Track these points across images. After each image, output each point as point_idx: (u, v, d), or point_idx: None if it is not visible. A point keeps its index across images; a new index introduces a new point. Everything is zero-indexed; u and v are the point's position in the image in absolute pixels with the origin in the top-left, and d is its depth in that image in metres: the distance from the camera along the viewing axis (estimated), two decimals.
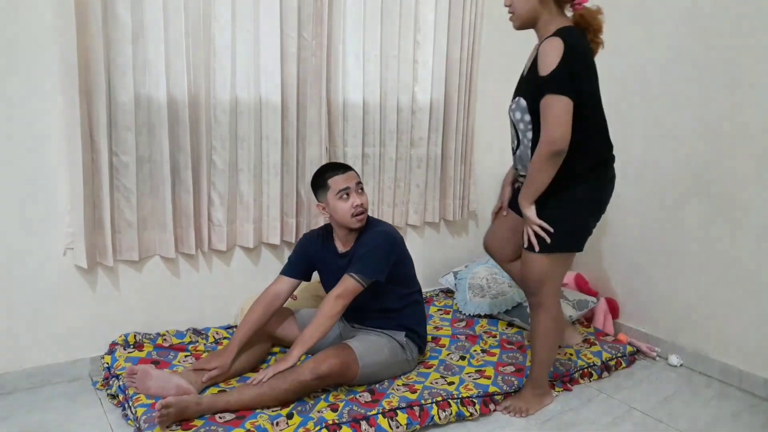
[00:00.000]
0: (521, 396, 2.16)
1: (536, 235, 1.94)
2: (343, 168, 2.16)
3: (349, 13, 2.60)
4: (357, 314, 2.26)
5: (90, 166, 2.13)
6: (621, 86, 2.78)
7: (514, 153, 2.08)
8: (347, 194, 2.10)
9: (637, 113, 2.72)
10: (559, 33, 1.82)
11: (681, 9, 2.53)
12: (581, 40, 1.85)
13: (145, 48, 2.17)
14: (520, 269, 2.09)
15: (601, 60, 2.87)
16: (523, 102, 1.93)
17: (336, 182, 2.11)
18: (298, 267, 2.24)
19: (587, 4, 1.91)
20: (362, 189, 2.16)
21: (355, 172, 2.18)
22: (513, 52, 3.19)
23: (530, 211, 1.92)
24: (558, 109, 1.80)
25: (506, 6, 1.95)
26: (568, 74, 1.80)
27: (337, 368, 1.97)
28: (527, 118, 1.93)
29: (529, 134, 1.95)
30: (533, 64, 1.89)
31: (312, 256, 2.25)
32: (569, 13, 1.93)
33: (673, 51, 2.57)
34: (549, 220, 1.92)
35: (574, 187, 1.93)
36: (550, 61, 1.79)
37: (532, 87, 1.87)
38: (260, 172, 2.52)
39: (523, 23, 1.93)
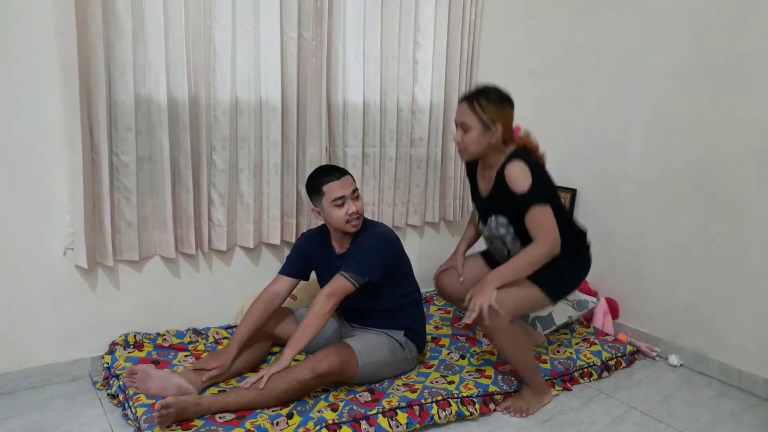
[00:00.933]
0: (521, 396, 2.16)
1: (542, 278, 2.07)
2: (338, 173, 2.13)
3: (349, 13, 2.60)
4: (356, 314, 2.27)
5: (90, 166, 2.13)
6: (621, 86, 2.78)
7: (503, 257, 2.26)
8: (342, 203, 2.09)
9: (637, 113, 2.72)
10: (516, 156, 2.08)
11: (681, 9, 2.53)
12: (532, 157, 2.12)
13: (145, 48, 2.17)
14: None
15: (601, 60, 2.89)
16: (502, 219, 2.16)
17: (331, 189, 2.09)
18: (296, 266, 2.24)
19: (520, 133, 2.19)
20: (357, 195, 2.14)
21: (350, 176, 2.15)
22: (513, 52, 3.22)
23: (492, 289, 2.01)
24: (547, 217, 2.05)
25: (456, 142, 2.15)
26: (541, 186, 2.06)
27: (336, 367, 1.97)
28: (512, 230, 2.16)
29: (518, 242, 2.16)
30: (498, 187, 2.11)
31: (310, 256, 2.25)
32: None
33: (673, 51, 2.57)
34: (555, 270, 2.08)
35: (561, 263, 2.11)
36: (523, 181, 2.03)
37: (509, 204, 2.09)
38: (260, 172, 2.52)
39: (471, 157, 2.17)
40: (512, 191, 2.04)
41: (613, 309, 2.84)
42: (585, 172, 2.98)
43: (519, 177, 2.03)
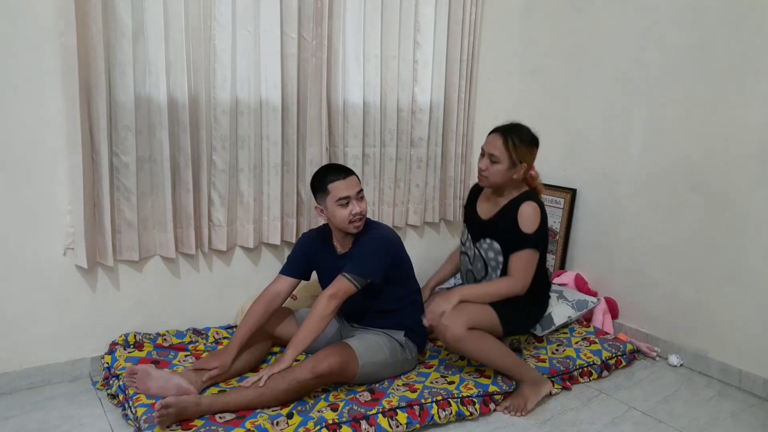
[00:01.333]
0: (518, 393, 2.17)
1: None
2: (344, 173, 2.13)
3: (349, 13, 2.60)
4: (356, 314, 2.27)
5: (90, 166, 2.14)
6: (621, 86, 2.78)
7: (476, 279, 2.38)
8: (347, 203, 2.09)
9: (637, 113, 2.72)
10: (532, 198, 2.24)
11: (682, 8, 2.53)
12: (542, 204, 2.27)
13: (145, 48, 2.17)
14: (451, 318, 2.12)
15: (601, 59, 2.89)
16: (497, 245, 2.27)
17: (337, 189, 2.09)
18: (297, 266, 2.24)
19: (533, 172, 2.34)
20: (362, 196, 2.15)
21: (356, 176, 2.16)
22: (513, 52, 3.22)
23: (456, 299, 2.12)
24: (532, 262, 2.22)
25: (481, 169, 2.25)
26: (542, 235, 2.24)
27: (336, 367, 1.97)
28: (500, 259, 2.27)
29: (498, 272, 2.29)
30: (505, 217, 2.24)
31: (311, 256, 2.25)
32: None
33: (673, 51, 2.57)
34: (508, 309, 2.22)
35: (532, 308, 2.37)
36: (532, 222, 2.19)
37: (507, 236, 2.22)
38: (260, 172, 2.52)
39: (490, 186, 2.29)
40: (519, 229, 2.19)
41: (613, 309, 2.84)
42: (585, 172, 2.98)
43: (532, 218, 2.19)
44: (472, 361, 2.31)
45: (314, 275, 2.32)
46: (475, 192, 2.47)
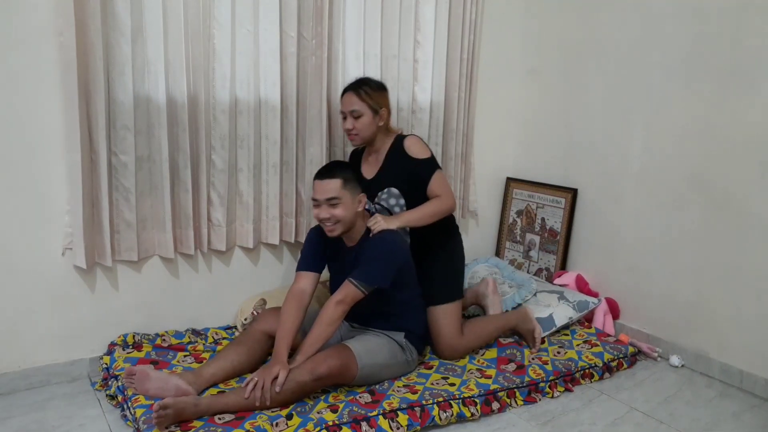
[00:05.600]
0: (522, 336, 2.55)
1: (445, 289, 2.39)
2: (326, 175, 2.09)
3: (349, 13, 2.59)
4: (357, 316, 2.25)
5: (89, 166, 2.13)
6: (621, 86, 2.77)
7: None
8: (317, 205, 2.09)
9: (637, 113, 2.72)
10: (405, 135, 2.39)
11: (682, 8, 2.52)
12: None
13: (144, 48, 2.16)
14: (436, 332, 2.37)
15: (601, 59, 2.88)
16: (395, 190, 2.36)
17: (313, 188, 2.11)
18: (313, 260, 2.22)
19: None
20: (335, 203, 2.05)
21: (337, 181, 2.06)
22: (513, 52, 3.21)
23: (392, 224, 2.21)
24: (446, 180, 2.40)
25: (348, 130, 2.34)
26: (435, 158, 2.41)
27: (336, 369, 1.96)
28: (402, 201, 2.36)
29: (405, 210, 2.36)
30: (392, 163, 2.36)
31: (323, 248, 2.23)
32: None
33: (673, 50, 2.56)
34: (447, 274, 2.43)
35: (453, 242, 2.50)
36: (422, 149, 2.36)
37: (403, 175, 2.34)
38: (260, 172, 2.51)
39: (363, 141, 2.38)
40: (413, 159, 2.31)
41: (614, 309, 2.83)
42: (585, 172, 2.98)
43: (419, 146, 2.35)
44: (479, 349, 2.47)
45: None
46: (356, 159, 2.52)
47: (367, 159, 2.45)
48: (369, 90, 2.31)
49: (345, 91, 2.36)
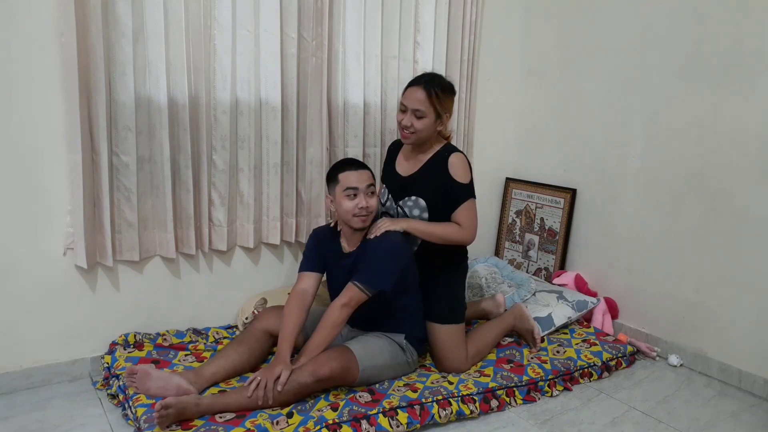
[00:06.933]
0: (521, 336, 2.55)
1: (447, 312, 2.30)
2: (357, 165, 2.13)
3: (349, 13, 2.60)
4: (357, 318, 2.25)
5: (90, 166, 2.14)
6: (621, 86, 2.78)
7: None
8: (354, 194, 2.08)
9: (637, 113, 2.72)
10: (454, 149, 2.25)
11: (682, 8, 2.53)
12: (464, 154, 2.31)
13: (145, 48, 2.17)
14: (441, 355, 2.30)
15: (601, 60, 2.89)
16: (422, 202, 2.25)
17: (346, 178, 2.08)
18: (315, 260, 2.23)
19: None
20: (373, 191, 2.13)
21: (371, 172, 2.14)
22: (513, 52, 3.22)
23: (398, 225, 2.17)
24: (475, 212, 2.24)
25: (405, 126, 2.18)
26: (473, 184, 2.26)
27: (337, 371, 1.97)
28: (425, 216, 2.25)
29: None
30: (430, 172, 2.23)
31: (322, 250, 2.24)
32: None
33: (673, 50, 2.57)
34: (449, 298, 2.32)
35: (458, 270, 2.38)
36: (465, 172, 2.21)
37: (434, 192, 2.22)
38: (260, 172, 2.52)
39: (418, 141, 2.22)
40: (453, 180, 2.18)
41: (613, 309, 2.84)
42: (585, 172, 2.98)
43: (463, 168, 2.21)
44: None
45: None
46: (394, 150, 2.41)
47: (408, 155, 2.33)
48: (440, 92, 2.16)
49: (413, 84, 2.19)
